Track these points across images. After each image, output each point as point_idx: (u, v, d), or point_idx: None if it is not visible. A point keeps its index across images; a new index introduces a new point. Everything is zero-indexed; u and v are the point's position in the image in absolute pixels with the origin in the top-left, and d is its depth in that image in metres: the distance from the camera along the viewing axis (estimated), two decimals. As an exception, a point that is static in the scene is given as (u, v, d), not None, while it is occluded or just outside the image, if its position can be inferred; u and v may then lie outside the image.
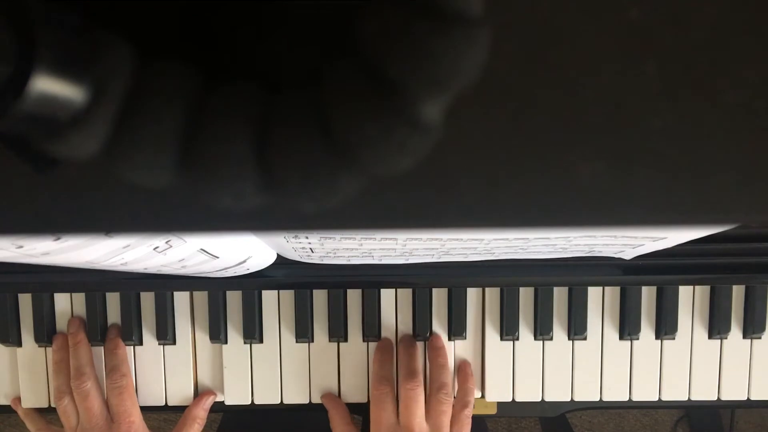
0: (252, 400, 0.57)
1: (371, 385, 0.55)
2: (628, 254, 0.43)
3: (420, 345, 0.56)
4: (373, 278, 0.53)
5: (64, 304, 0.57)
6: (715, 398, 0.57)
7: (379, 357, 0.56)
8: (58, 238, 0.24)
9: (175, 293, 0.56)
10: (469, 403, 0.54)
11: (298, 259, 0.44)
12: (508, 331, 0.56)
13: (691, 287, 0.56)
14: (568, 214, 0.17)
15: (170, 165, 0.17)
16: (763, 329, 0.55)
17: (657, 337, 0.56)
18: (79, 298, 0.57)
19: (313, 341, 0.57)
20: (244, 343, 0.57)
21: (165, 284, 0.54)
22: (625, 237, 0.36)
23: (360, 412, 0.57)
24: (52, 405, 0.57)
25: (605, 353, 0.56)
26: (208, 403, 0.57)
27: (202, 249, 0.34)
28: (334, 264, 0.46)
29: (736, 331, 0.56)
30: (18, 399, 0.58)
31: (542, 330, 0.55)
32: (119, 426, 0.53)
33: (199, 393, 0.57)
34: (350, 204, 0.17)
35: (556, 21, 0.16)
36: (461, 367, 0.56)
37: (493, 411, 0.57)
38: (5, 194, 0.18)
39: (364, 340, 0.57)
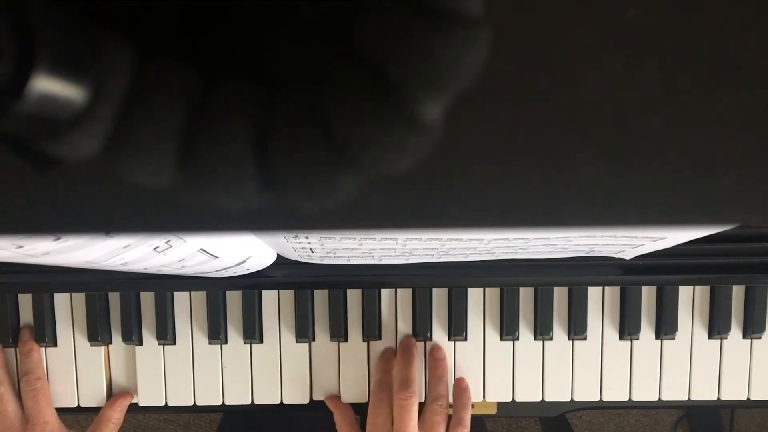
0: (252, 400, 0.57)
1: (371, 390, 0.55)
2: (628, 254, 0.43)
3: (419, 348, 0.56)
4: (373, 278, 0.53)
5: (64, 304, 0.57)
6: (715, 398, 0.57)
7: (382, 365, 0.56)
8: (58, 238, 0.24)
9: (175, 293, 0.56)
10: (462, 420, 0.54)
11: (298, 259, 0.44)
12: (508, 331, 0.56)
13: (691, 287, 0.56)
14: (568, 214, 0.17)
15: (170, 165, 0.17)
16: (763, 329, 0.55)
17: (657, 337, 0.56)
18: (79, 298, 0.57)
19: (313, 341, 0.57)
20: (244, 343, 0.57)
21: (165, 284, 0.54)
22: (625, 237, 0.36)
23: (359, 412, 0.57)
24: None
25: (605, 353, 0.56)
26: (124, 404, 0.57)
27: (202, 249, 0.34)
28: (334, 264, 0.46)
29: (736, 331, 0.56)
30: None
31: (542, 330, 0.55)
32: (34, 427, 0.54)
33: (197, 393, 0.57)
34: (350, 204, 0.17)
35: (556, 21, 0.16)
36: (457, 383, 0.56)
37: (493, 411, 0.57)
38: (5, 194, 0.18)
39: (364, 340, 0.57)
